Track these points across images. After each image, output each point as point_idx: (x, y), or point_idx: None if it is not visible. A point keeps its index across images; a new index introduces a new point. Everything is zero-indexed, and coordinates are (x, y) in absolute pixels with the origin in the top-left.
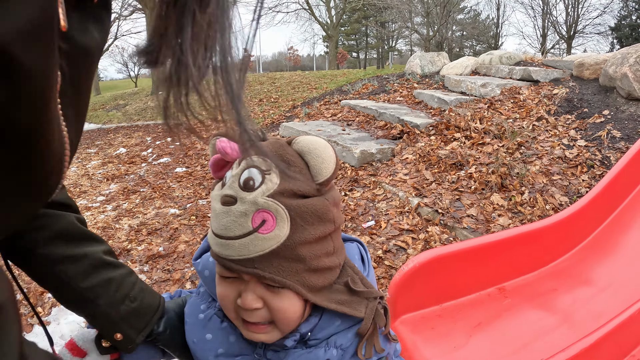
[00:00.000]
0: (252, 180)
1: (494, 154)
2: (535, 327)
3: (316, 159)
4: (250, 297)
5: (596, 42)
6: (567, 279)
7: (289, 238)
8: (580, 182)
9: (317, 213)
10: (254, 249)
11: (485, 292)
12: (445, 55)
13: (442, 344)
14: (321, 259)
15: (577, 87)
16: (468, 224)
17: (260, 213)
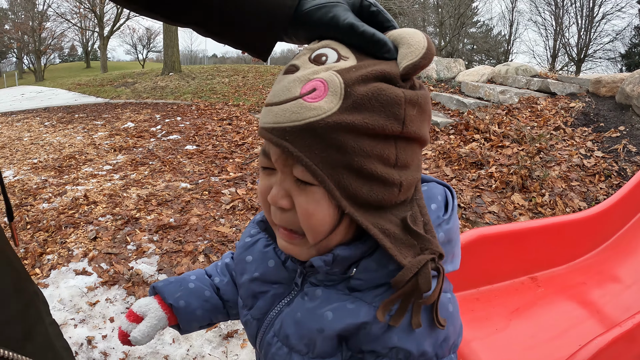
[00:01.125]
0: (325, 56)
1: (514, 157)
2: (569, 317)
3: (403, 46)
4: (275, 191)
5: (605, 67)
6: (594, 275)
7: (334, 115)
8: (597, 189)
9: (381, 99)
10: (291, 117)
11: (518, 280)
12: (462, 62)
13: (484, 327)
14: (371, 161)
15: (593, 102)
16: (490, 219)
17: (315, 81)
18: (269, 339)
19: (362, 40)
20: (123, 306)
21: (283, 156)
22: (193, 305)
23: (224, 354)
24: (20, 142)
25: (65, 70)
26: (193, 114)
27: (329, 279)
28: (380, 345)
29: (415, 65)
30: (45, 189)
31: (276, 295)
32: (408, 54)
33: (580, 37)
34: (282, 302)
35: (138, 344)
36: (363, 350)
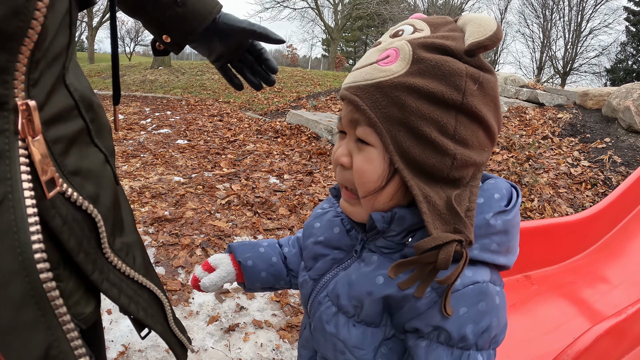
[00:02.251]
0: (402, 31)
1: (504, 163)
2: (562, 312)
3: (473, 25)
4: (340, 150)
5: (590, 82)
6: (584, 275)
7: (399, 76)
8: (584, 196)
9: (442, 69)
10: (365, 77)
11: (514, 278)
12: None
13: None
14: (428, 124)
15: (580, 114)
16: None
17: (389, 50)
18: (321, 299)
19: (258, 33)
20: None
21: (352, 113)
22: (259, 267)
23: (227, 347)
24: None
25: None
26: (183, 109)
27: (386, 246)
28: (424, 322)
29: (479, 44)
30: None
31: (335, 259)
32: (475, 32)
33: (566, 50)
34: (340, 266)
35: (206, 290)
36: (406, 329)
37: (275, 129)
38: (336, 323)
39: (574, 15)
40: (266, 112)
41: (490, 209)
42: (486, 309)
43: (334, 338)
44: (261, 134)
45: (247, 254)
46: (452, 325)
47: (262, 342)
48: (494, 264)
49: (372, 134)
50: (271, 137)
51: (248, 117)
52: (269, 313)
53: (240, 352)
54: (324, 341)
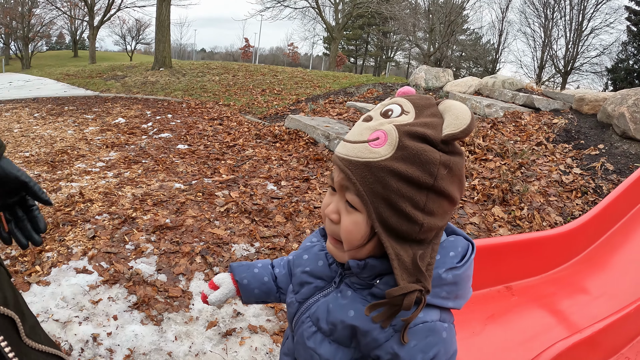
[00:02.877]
0: (391, 111)
1: (496, 170)
2: (540, 323)
3: (451, 116)
4: (331, 207)
5: (590, 81)
6: (565, 286)
7: (385, 160)
8: (574, 205)
9: (420, 158)
10: (357, 154)
11: (495, 289)
12: (450, 72)
13: (462, 330)
14: (404, 201)
15: (575, 119)
16: (471, 230)
17: (379, 132)
18: (304, 319)
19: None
20: (125, 305)
21: (343, 181)
22: (253, 285)
23: (224, 351)
24: (10, 133)
25: (52, 58)
26: (184, 112)
27: (359, 283)
28: (383, 351)
29: (454, 136)
30: (39, 184)
31: (317, 287)
32: (451, 124)
33: (568, 50)
34: (321, 293)
35: (213, 305)
36: (371, 356)
37: (274, 134)
38: (315, 340)
39: (575, 15)
40: (265, 116)
41: (444, 265)
42: (433, 342)
43: (312, 351)
44: (260, 139)
45: (244, 274)
46: (405, 354)
47: (256, 346)
48: (443, 307)
49: (359, 203)
50: (270, 141)
51: (248, 120)
52: (263, 319)
53: (236, 356)
54: (304, 353)
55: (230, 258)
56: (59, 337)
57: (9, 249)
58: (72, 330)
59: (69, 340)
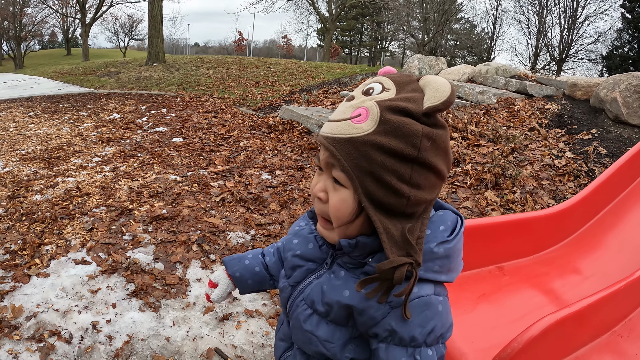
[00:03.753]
0: (372, 89)
1: (489, 155)
2: (531, 302)
3: (431, 89)
4: (319, 185)
5: (586, 68)
6: (557, 267)
7: (368, 134)
8: (566, 188)
9: (403, 130)
10: (341, 131)
11: (486, 269)
12: (444, 60)
13: (453, 309)
14: (389, 174)
15: (568, 105)
16: (464, 214)
17: (361, 109)
18: (298, 302)
19: None
20: (124, 293)
21: (328, 158)
22: (246, 276)
23: (221, 335)
24: (6, 132)
25: (45, 57)
26: (178, 106)
27: (351, 263)
28: (381, 329)
29: (435, 107)
30: (36, 180)
31: (309, 270)
32: (432, 96)
33: (562, 37)
34: (313, 275)
35: (217, 302)
36: (368, 334)
37: (268, 125)
38: (311, 322)
39: (569, 2)
40: (259, 107)
41: (435, 239)
42: (430, 315)
43: (309, 334)
44: (255, 130)
45: (235, 267)
46: (403, 330)
47: (253, 330)
48: (437, 280)
49: (345, 179)
50: (264, 132)
51: (242, 112)
52: (259, 303)
53: (233, 339)
54: (301, 336)
55: (226, 246)
56: (59, 326)
57: (8, 244)
58: (72, 319)
59: (69, 328)
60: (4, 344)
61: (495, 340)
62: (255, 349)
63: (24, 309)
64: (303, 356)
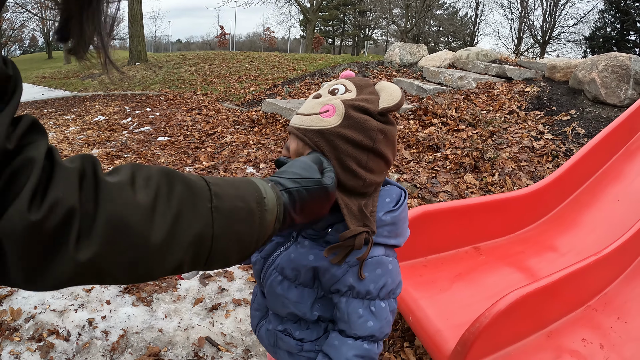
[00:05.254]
0: (337, 89)
1: (468, 140)
2: (506, 280)
3: (385, 94)
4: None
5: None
6: (533, 245)
7: (334, 127)
8: (545, 169)
9: (363, 125)
10: (311, 123)
11: (463, 250)
12: (424, 47)
13: (429, 289)
14: (350, 160)
15: (547, 87)
16: (444, 198)
17: (328, 105)
18: (270, 271)
19: None
20: (117, 290)
21: (299, 147)
22: None
23: (211, 324)
24: None
25: (26, 62)
26: (162, 105)
27: (314, 234)
28: (341, 284)
29: (388, 109)
30: None
31: (278, 243)
32: (386, 99)
33: (545, 19)
34: (282, 247)
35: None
36: (331, 290)
37: (251, 119)
38: (283, 287)
39: None
40: (243, 102)
41: (382, 209)
42: (381, 273)
43: (282, 297)
44: (238, 125)
45: None
46: (360, 285)
47: (241, 317)
48: (387, 244)
49: None
50: (248, 127)
51: (225, 108)
52: (247, 292)
53: (222, 327)
54: (275, 300)
55: None
56: (56, 325)
57: None
58: (68, 318)
59: (67, 326)
60: (6, 346)
61: (469, 317)
62: (244, 335)
63: (23, 311)
64: (277, 320)
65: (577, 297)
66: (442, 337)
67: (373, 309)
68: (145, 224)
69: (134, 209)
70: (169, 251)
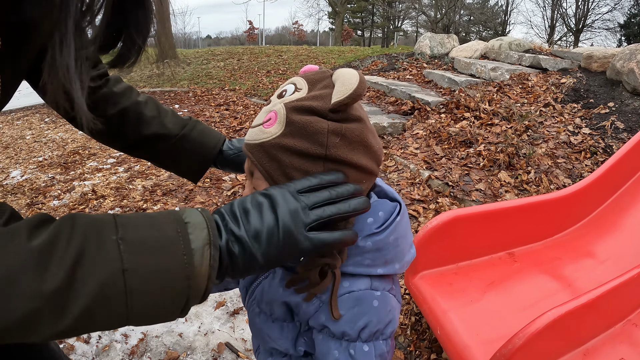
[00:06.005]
0: (285, 91)
1: (502, 134)
2: (541, 290)
3: (339, 84)
4: (245, 191)
5: (604, 38)
6: (570, 251)
7: (276, 138)
8: (583, 166)
9: (307, 130)
10: (255, 137)
11: (496, 256)
12: (455, 37)
13: (459, 298)
14: (298, 174)
15: (584, 78)
16: (477, 197)
17: (271, 112)
18: (250, 302)
19: None
20: None
21: (249, 166)
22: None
23: (231, 329)
24: (23, 140)
25: None
26: (190, 101)
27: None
28: (315, 322)
29: (340, 102)
30: (53, 186)
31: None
32: (338, 91)
33: (578, 7)
34: (262, 276)
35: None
36: (309, 324)
37: None
38: (261, 320)
39: None
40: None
41: (361, 232)
42: (362, 311)
43: (262, 332)
44: None
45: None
46: (334, 325)
47: None
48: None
49: (263, 183)
50: None
51: (253, 103)
52: None
53: (243, 333)
54: (257, 334)
55: None
56: None
57: None
58: None
59: None
60: None
61: (501, 332)
62: None
63: None
64: (266, 353)
65: (617, 311)
66: (470, 354)
67: (352, 352)
68: (38, 270)
69: (25, 254)
70: (70, 296)
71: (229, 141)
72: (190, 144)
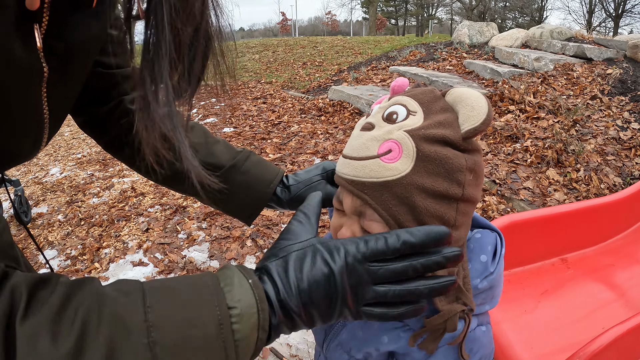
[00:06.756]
0: (395, 114)
1: (549, 129)
2: (595, 299)
3: (465, 107)
4: (344, 231)
5: None
6: (624, 257)
7: (406, 176)
8: (633, 164)
9: (446, 166)
10: (370, 173)
11: (549, 262)
12: (494, 25)
13: (513, 308)
14: (433, 220)
15: (630, 68)
16: (525, 196)
17: (390, 142)
18: (334, 346)
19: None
20: None
21: (359, 207)
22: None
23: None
24: (61, 137)
25: None
26: (227, 95)
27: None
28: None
29: (476, 130)
30: (92, 183)
31: None
32: (469, 117)
33: None
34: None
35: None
36: None
37: (318, 107)
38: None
39: None
40: (308, 90)
41: (479, 273)
42: (475, 349)
43: None
44: (305, 113)
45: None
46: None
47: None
48: (480, 313)
49: (381, 227)
50: (314, 115)
51: (291, 96)
52: None
53: (288, 338)
54: None
55: None
56: None
57: (69, 249)
58: None
59: None
60: None
61: (556, 345)
62: (310, 347)
63: None
64: None
65: None
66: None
67: None
68: None
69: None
70: None
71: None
72: (244, 176)
